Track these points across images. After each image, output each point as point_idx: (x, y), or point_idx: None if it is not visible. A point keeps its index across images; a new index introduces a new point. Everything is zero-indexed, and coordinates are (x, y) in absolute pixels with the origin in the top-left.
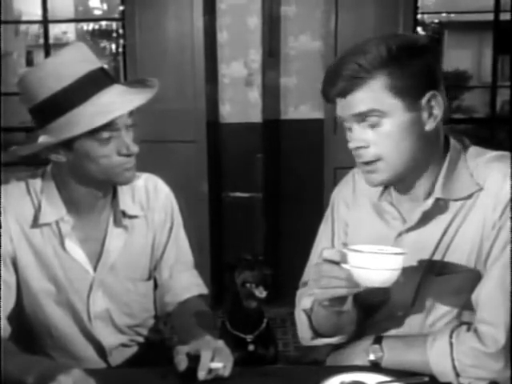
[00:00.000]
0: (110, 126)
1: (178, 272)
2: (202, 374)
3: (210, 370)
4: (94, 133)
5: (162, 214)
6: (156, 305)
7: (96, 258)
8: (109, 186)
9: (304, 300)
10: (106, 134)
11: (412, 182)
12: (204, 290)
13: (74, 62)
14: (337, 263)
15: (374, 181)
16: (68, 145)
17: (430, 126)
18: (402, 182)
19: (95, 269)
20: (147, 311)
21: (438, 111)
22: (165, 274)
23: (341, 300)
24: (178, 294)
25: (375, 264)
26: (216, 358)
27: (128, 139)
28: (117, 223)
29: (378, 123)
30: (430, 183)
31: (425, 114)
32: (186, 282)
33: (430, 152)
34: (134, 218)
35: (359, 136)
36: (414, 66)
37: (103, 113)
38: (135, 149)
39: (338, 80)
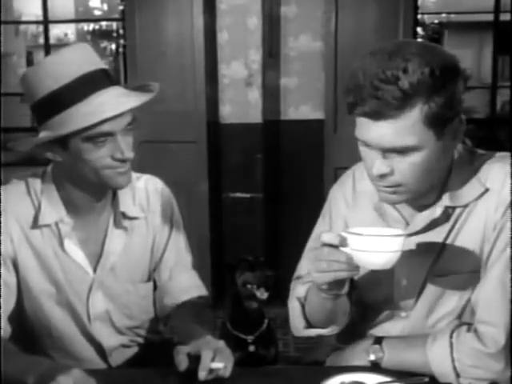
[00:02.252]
0: (105, 129)
1: (177, 273)
2: (202, 374)
3: (211, 370)
4: (88, 135)
5: (162, 216)
6: (155, 306)
7: (96, 260)
8: (105, 189)
9: (298, 288)
10: (101, 138)
11: None
12: (203, 291)
13: (74, 61)
14: (336, 247)
15: (391, 201)
16: (63, 144)
17: (452, 149)
18: None
19: (95, 270)
20: (147, 313)
21: (461, 135)
22: (164, 276)
23: (339, 283)
24: (178, 296)
25: (375, 246)
26: (217, 358)
27: (124, 144)
28: (117, 224)
29: (408, 154)
30: (437, 189)
31: (449, 138)
32: (186, 283)
33: (445, 166)
34: (134, 220)
35: (384, 164)
36: (452, 91)
37: (96, 113)
38: (130, 155)
39: (370, 99)
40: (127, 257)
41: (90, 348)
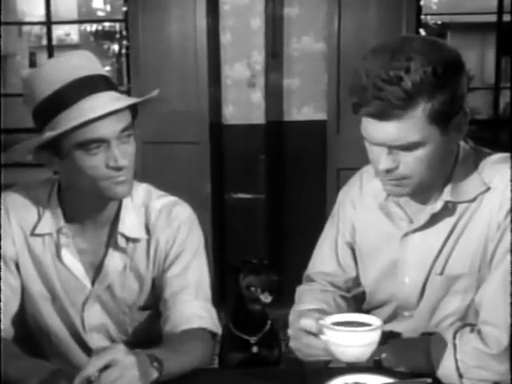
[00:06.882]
0: (96, 135)
1: (181, 302)
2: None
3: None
4: (80, 142)
5: (170, 242)
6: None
7: (94, 272)
8: (106, 201)
9: (305, 320)
10: (93, 144)
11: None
12: (208, 325)
13: (70, 67)
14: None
15: (395, 193)
16: (58, 152)
17: (456, 141)
18: None
19: (93, 283)
20: (142, 336)
21: (465, 127)
22: (167, 303)
23: None
24: (176, 325)
25: (350, 341)
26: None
27: (118, 151)
28: (114, 245)
29: (413, 150)
30: (439, 185)
31: (453, 132)
32: (189, 312)
33: (449, 160)
34: (136, 242)
35: (389, 159)
36: (454, 88)
37: (82, 115)
38: (124, 162)
39: (374, 100)
40: (125, 278)
41: (86, 357)
